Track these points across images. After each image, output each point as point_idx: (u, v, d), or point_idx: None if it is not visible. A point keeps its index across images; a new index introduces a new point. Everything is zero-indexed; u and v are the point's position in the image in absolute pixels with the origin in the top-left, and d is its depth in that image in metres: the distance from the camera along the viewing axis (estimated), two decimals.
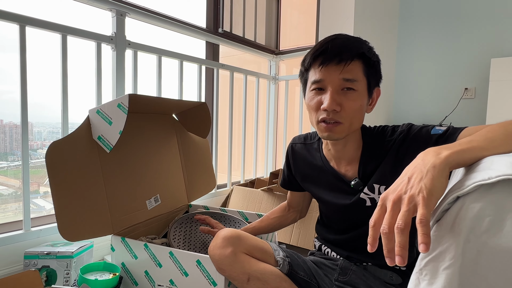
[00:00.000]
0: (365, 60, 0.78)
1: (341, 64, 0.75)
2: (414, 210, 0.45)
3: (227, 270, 0.81)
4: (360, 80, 0.77)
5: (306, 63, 0.81)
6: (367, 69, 0.78)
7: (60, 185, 0.94)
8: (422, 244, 0.42)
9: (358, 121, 0.80)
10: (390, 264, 0.45)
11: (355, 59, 0.76)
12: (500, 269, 0.41)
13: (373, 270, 0.86)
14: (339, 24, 1.99)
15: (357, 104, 0.77)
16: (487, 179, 0.44)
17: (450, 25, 2.25)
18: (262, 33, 2.39)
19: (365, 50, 0.77)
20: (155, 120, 1.31)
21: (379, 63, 0.82)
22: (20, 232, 1.15)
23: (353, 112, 0.77)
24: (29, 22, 1.14)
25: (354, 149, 0.85)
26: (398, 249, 0.43)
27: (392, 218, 0.46)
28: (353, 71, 0.76)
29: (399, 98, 2.49)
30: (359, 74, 0.77)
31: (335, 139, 0.80)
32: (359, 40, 0.79)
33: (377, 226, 0.48)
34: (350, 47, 0.76)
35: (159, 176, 1.29)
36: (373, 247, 0.47)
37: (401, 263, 0.43)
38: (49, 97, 1.38)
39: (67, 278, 1.07)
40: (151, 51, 1.54)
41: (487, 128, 0.59)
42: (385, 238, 0.46)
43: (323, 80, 0.77)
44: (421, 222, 0.43)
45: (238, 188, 1.84)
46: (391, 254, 0.45)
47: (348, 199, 0.86)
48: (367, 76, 0.79)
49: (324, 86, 0.77)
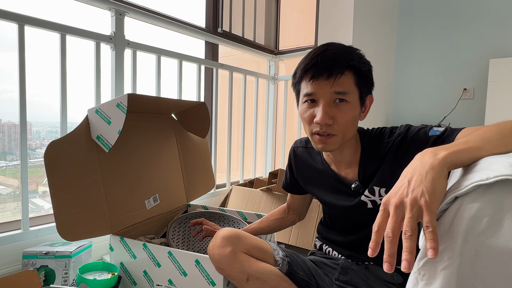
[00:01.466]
0: (356, 71, 0.77)
1: (332, 78, 0.75)
2: (418, 214, 0.45)
3: (226, 270, 0.81)
4: (352, 91, 0.77)
5: (297, 76, 0.81)
6: (359, 80, 0.78)
7: (59, 184, 0.94)
8: (430, 249, 0.42)
9: (351, 131, 0.80)
10: (388, 270, 0.44)
11: (345, 71, 0.76)
12: (498, 269, 0.41)
13: (375, 270, 0.86)
14: (338, 24, 2.00)
15: (350, 115, 0.77)
16: (485, 179, 0.44)
17: (449, 25, 2.25)
18: (262, 33, 2.39)
19: (355, 62, 0.76)
20: (154, 120, 1.30)
21: (370, 71, 0.81)
22: (19, 232, 1.15)
23: (345, 123, 0.77)
24: (28, 21, 1.13)
25: (352, 153, 0.85)
26: (406, 254, 0.43)
27: (395, 222, 0.46)
28: (344, 83, 0.76)
29: (398, 98, 2.49)
30: (351, 86, 0.77)
31: (329, 150, 0.81)
32: (349, 50, 0.78)
33: (381, 231, 0.48)
34: (340, 60, 0.75)
35: (158, 175, 1.29)
36: (375, 252, 0.47)
37: (406, 268, 0.43)
38: (48, 96, 1.38)
39: (66, 277, 1.07)
40: (150, 50, 1.54)
41: (484, 129, 0.59)
42: (388, 242, 0.45)
43: (315, 93, 0.77)
44: (428, 229, 0.43)
45: (237, 188, 1.84)
46: (391, 260, 0.45)
47: (349, 201, 0.86)
48: (359, 87, 0.78)
49: (316, 98, 0.78)
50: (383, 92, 2.37)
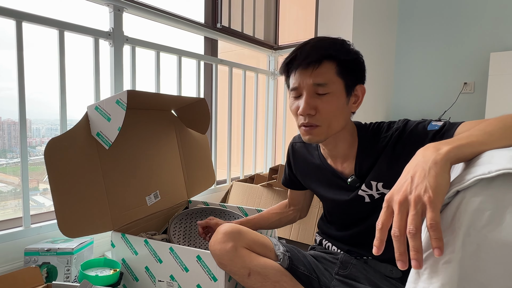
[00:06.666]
0: (338, 61, 0.77)
1: (309, 68, 0.76)
2: (422, 211, 0.45)
3: (227, 265, 0.81)
4: (333, 82, 0.77)
5: (281, 71, 0.85)
6: (341, 69, 0.77)
7: (60, 182, 0.94)
8: (436, 249, 0.42)
9: (337, 122, 0.80)
10: (402, 268, 0.44)
11: (323, 61, 0.76)
12: (500, 263, 0.41)
13: (374, 264, 0.87)
14: (338, 18, 1.98)
15: (333, 106, 0.77)
16: (487, 173, 0.44)
17: (449, 19, 2.24)
18: (261, 28, 2.38)
19: (332, 51, 0.76)
20: (154, 116, 1.30)
21: (358, 60, 0.80)
22: (20, 229, 1.15)
23: (329, 114, 0.77)
24: (25, 18, 1.13)
25: (347, 147, 0.85)
26: (413, 253, 0.43)
27: (401, 220, 0.46)
28: (324, 74, 0.76)
29: (398, 92, 2.49)
30: (332, 76, 0.76)
31: (315, 141, 0.81)
32: (331, 42, 0.79)
33: (385, 228, 0.48)
34: (317, 51, 0.76)
35: (159, 172, 1.29)
36: (379, 250, 0.47)
37: (417, 267, 0.43)
38: (47, 93, 1.37)
39: (68, 274, 1.08)
40: (149, 46, 1.53)
41: (486, 123, 0.59)
42: (397, 241, 0.45)
43: (298, 85, 0.79)
44: (431, 227, 0.43)
45: (237, 184, 1.85)
46: (404, 257, 0.45)
47: (346, 195, 0.86)
48: (342, 77, 0.77)
49: (300, 91, 0.79)
50: (383, 86, 2.36)
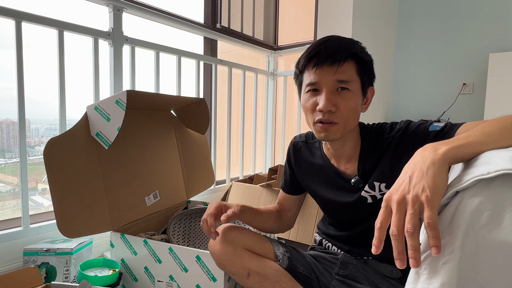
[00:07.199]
0: (358, 60, 0.78)
1: (335, 65, 0.76)
2: (420, 210, 0.45)
3: (227, 266, 0.81)
4: (354, 80, 0.78)
5: (301, 65, 0.82)
6: (360, 69, 0.79)
7: (59, 182, 0.94)
8: (434, 247, 0.42)
9: (353, 121, 0.81)
10: (400, 266, 0.45)
11: (348, 59, 0.77)
12: (499, 263, 0.41)
13: (374, 264, 0.87)
14: (337, 18, 1.98)
15: (352, 104, 0.78)
16: (486, 173, 0.44)
17: (448, 20, 2.24)
18: (260, 29, 2.38)
19: (357, 50, 0.78)
20: (154, 116, 1.30)
21: (371, 62, 0.83)
22: (19, 229, 1.15)
23: (348, 112, 0.78)
24: (25, 18, 1.13)
25: (353, 147, 0.85)
26: (411, 252, 0.44)
27: (399, 219, 0.46)
28: (347, 71, 0.77)
29: (397, 93, 2.49)
30: (353, 74, 0.78)
31: (331, 139, 0.80)
32: (351, 41, 0.80)
33: (383, 228, 0.48)
34: (343, 48, 0.77)
35: (158, 172, 1.29)
36: (378, 249, 0.48)
37: (415, 266, 0.44)
38: (47, 93, 1.37)
39: (67, 274, 1.07)
40: (149, 46, 1.53)
41: (485, 123, 0.59)
42: (395, 240, 0.46)
43: (318, 81, 0.78)
44: (429, 226, 0.43)
45: (237, 184, 1.85)
46: (402, 256, 0.45)
47: (349, 197, 0.86)
48: (360, 76, 0.79)
49: (319, 87, 0.78)
50: (382, 86, 2.36)
